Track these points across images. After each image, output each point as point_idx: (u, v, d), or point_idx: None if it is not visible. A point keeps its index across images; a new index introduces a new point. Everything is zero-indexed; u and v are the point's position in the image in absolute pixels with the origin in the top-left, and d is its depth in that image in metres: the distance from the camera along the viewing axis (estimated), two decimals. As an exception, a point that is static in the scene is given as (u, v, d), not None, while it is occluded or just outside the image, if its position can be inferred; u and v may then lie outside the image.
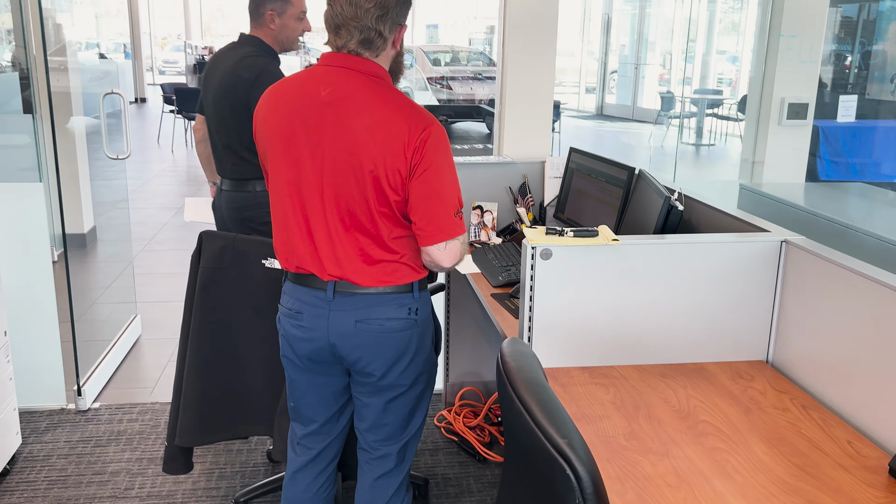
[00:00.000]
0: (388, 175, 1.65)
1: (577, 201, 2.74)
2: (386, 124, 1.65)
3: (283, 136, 1.72)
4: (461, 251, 1.74)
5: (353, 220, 1.70)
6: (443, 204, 1.67)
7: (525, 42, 2.92)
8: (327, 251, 1.73)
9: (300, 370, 1.88)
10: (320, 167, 1.69)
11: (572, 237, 1.73)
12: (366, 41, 1.69)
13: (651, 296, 1.77)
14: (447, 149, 1.70)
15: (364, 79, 1.69)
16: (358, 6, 1.66)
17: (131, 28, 17.19)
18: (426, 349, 1.86)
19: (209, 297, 2.23)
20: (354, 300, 1.75)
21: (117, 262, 5.23)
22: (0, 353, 2.61)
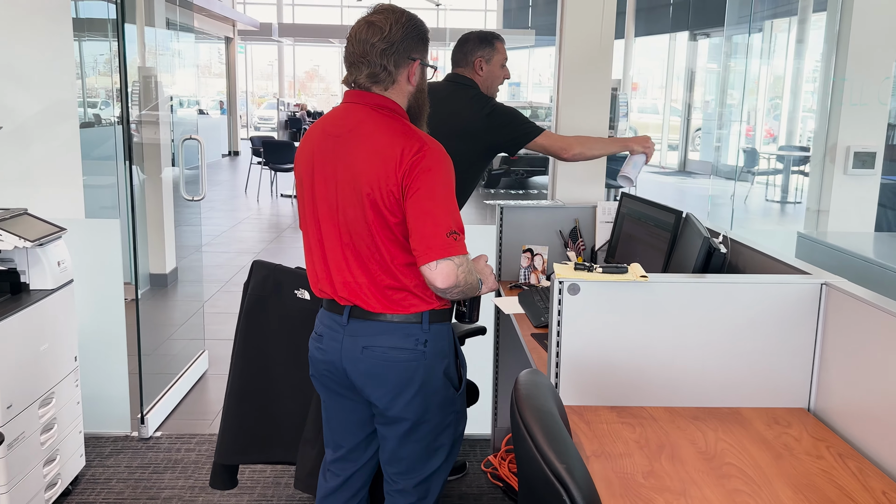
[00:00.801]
0: (383, 197, 1.71)
1: (627, 246, 2.72)
2: (383, 149, 1.72)
3: (306, 170, 1.83)
4: (457, 273, 1.71)
5: (360, 245, 1.76)
6: (434, 223, 1.69)
7: (579, 87, 2.96)
8: (339, 277, 1.80)
9: (325, 391, 1.94)
10: (333, 197, 1.77)
11: (601, 273, 1.72)
12: (372, 75, 1.77)
13: (684, 336, 1.74)
14: (442, 170, 1.73)
15: (370, 111, 1.78)
16: (366, 42, 1.76)
17: (228, 87, 18.19)
18: (436, 383, 1.85)
19: (251, 323, 2.35)
20: (366, 326, 1.80)
21: (194, 301, 5.46)
22: (69, 378, 2.76)
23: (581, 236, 2.89)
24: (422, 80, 1.86)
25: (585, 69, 2.96)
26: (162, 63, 6.48)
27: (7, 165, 3.32)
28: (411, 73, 1.82)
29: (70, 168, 3.47)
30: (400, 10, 1.80)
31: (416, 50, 1.81)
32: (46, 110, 3.42)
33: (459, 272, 1.73)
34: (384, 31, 1.75)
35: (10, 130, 3.21)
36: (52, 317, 2.60)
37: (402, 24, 1.77)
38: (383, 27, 1.75)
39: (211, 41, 17.61)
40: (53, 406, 2.63)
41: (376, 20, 1.77)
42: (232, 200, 10.87)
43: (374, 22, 1.76)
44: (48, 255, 2.57)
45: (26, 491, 2.47)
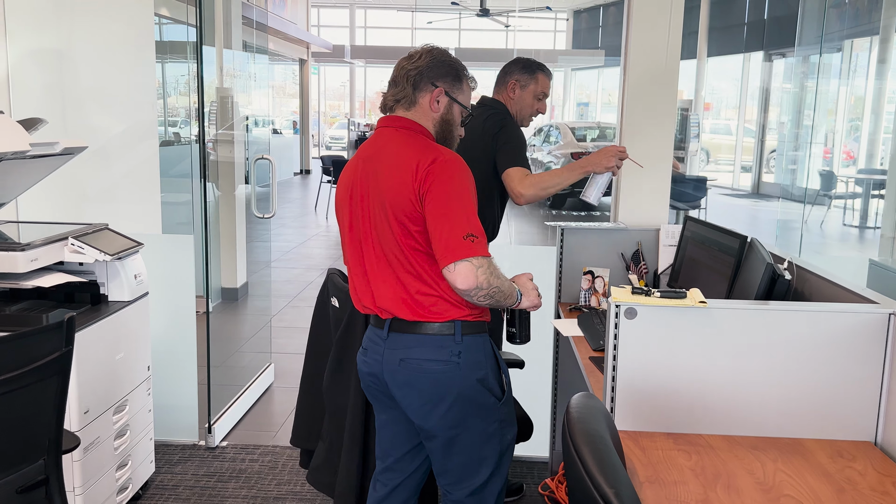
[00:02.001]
0: (403, 208, 1.80)
1: (690, 270, 2.68)
2: (401, 163, 1.83)
3: (345, 196, 1.96)
4: (476, 274, 1.76)
5: (391, 257, 1.85)
6: (450, 225, 1.76)
7: (644, 108, 2.95)
8: (379, 290, 1.89)
9: (374, 403, 2.02)
10: (368, 215, 1.88)
11: (659, 297, 1.71)
12: (395, 94, 1.94)
13: (744, 363, 1.71)
14: (456, 177, 1.81)
15: (394, 132, 1.92)
16: (399, 68, 1.95)
17: (301, 107, 18.68)
18: (472, 394, 1.88)
19: (314, 324, 2.51)
20: (403, 339, 1.87)
21: (262, 315, 5.61)
22: (142, 387, 2.88)
23: (643, 259, 2.87)
24: (448, 113, 1.95)
25: (650, 89, 2.94)
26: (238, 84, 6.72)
27: (91, 183, 3.50)
28: (433, 99, 1.92)
29: (149, 185, 3.65)
30: (438, 48, 1.97)
31: (440, 79, 1.93)
32: (129, 130, 3.60)
33: (479, 273, 1.77)
34: (415, 57, 1.94)
35: (95, 150, 3.40)
36: (127, 327, 2.72)
37: (433, 55, 1.94)
38: (415, 56, 1.95)
39: (286, 63, 18.14)
40: (127, 413, 2.75)
41: (413, 51, 1.97)
42: (302, 217, 11.14)
43: (411, 52, 1.97)
44: (126, 268, 2.70)
45: (99, 494, 2.58)
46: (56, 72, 3.39)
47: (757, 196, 15.40)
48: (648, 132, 2.97)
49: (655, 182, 2.99)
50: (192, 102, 7.49)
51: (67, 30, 3.40)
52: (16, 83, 3.12)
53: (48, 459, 1.78)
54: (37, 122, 2.70)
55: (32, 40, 3.26)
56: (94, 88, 3.47)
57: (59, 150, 2.60)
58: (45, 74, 3.34)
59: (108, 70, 3.49)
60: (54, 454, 1.79)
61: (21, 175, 2.66)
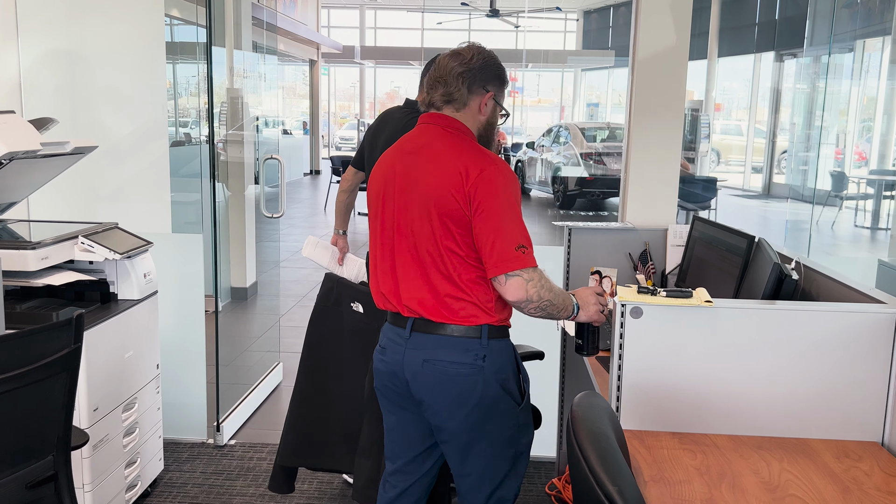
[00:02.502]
0: (450, 212, 1.79)
1: (698, 270, 2.68)
2: (450, 165, 1.80)
3: (381, 187, 1.93)
4: (527, 288, 1.77)
5: (425, 257, 1.83)
6: (503, 236, 1.76)
7: (652, 107, 2.94)
8: (407, 288, 1.87)
9: (387, 403, 2.00)
10: (404, 211, 1.86)
11: (664, 297, 1.71)
12: (446, 94, 1.89)
13: (750, 363, 1.71)
14: (506, 188, 1.80)
15: (441, 131, 1.89)
16: (447, 67, 1.89)
17: (311, 108, 18.73)
18: (495, 398, 1.88)
19: (313, 332, 2.49)
20: (427, 340, 1.86)
21: (271, 314, 5.63)
22: (151, 385, 2.90)
23: (651, 259, 2.87)
24: (493, 116, 1.95)
25: (658, 89, 2.94)
26: (248, 84, 6.75)
27: (102, 182, 3.53)
28: (483, 102, 1.91)
29: (159, 185, 3.67)
30: (486, 49, 1.93)
31: (491, 83, 1.92)
32: (139, 130, 3.62)
33: (529, 287, 1.77)
34: (465, 58, 1.90)
35: (105, 149, 3.42)
36: (137, 326, 2.74)
37: (483, 56, 1.91)
38: (465, 55, 1.90)
39: (296, 63, 18.19)
40: (136, 411, 2.77)
41: (460, 50, 1.93)
42: (311, 218, 11.17)
43: (459, 52, 1.92)
44: (136, 267, 2.72)
45: (108, 491, 2.60)
46: (67, 72, 3.42)
47: (767, 197, 15.34)
48: (656, 132, 2.96)
49: (663, 182, 2.98)
50: (202, 103, 7.52)
51: (79, 31, 3.43)
52: (27, 83, 3.15)
53: (57, 456, 1.80)
54: (47, 121, 2.73)
55: (44, 41, 3.29)
56: (105, 89, 3.50)
57: (69, 150, 2.62)
58: (56, 75, 3.37)
59: (119, 70, 3.52)
60: (63, 450, 1.81)
61: (32, 174, 2.68)
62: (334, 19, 23.05)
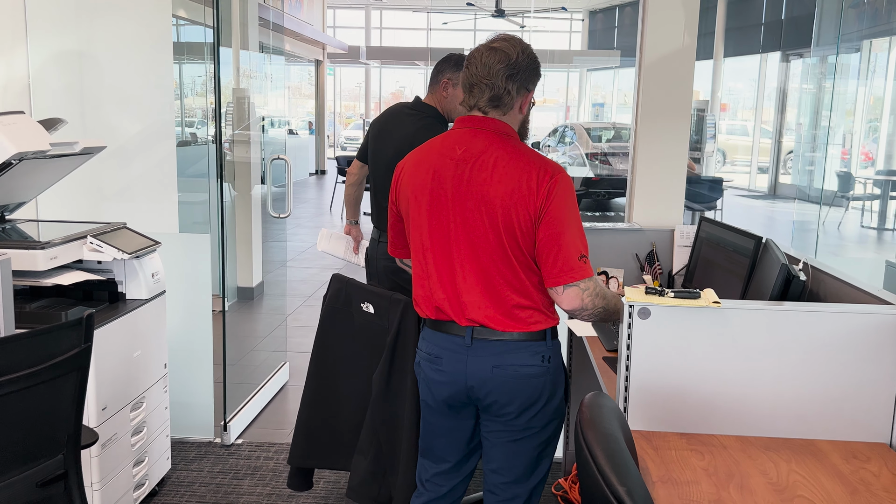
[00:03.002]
0: (519, 222, 1.77)
1: (705, 271, 2.68)
2: (516, 175, 1.78)
3: (428, 194, 1.86)
4: (582, 297, 1.78)
5: (492, 266, 1.81)
6: (567, 246, 1.76)
7: (659, 107, 2.94)
8: (467, 297, 1.84)
9: (437, 413, 2.00)
10: (461, 220, 1.83)
11: (672, 297, 1.71)
12: (495, 98, 1.84)
13: (758, 364, 1.71)
14: (572, 196, 1.80)
15: (493, 136, 1.85)
16: (490, 66, 1.82)
17: (317, 108, 18.75)
18: (558, 396, 1.93)
19: (323, 333, 2.50)
20: (491, 346, 1.86)
21: (278, 314, 5.65)
22: (159, 384, 2.91)
23: (658, 260, 2.87)
24: (528, 113, 1.94)
25: (665, 89, 2.94)
26: (255, 85, 6.76)
27: (109, 182, 3.54)
28: (525, 102, 1.90)
29: (166, 185, 3.69)
30: (525, 44, 1.87)
31: (532, 82, 1.89)
32: (146, 130, 3.64)
33: (585, 296, 1.79)
34: (511, 57, 1.82)
35: (113, 150, 3.44)
36: (145, 325, 2.75)
37: (527, 54, 1.85)
38: (510, 54, 1.82)
39: (302, 64, 18.22)
40: (144, 410, 2.78)
41: (501, 47, 1.83)
42: (317, 218, 11.19)
43: (500, 48, 1.83)
44: (144, 267, 2.74)
45: (117, 489, 2.61)
46: (76, 72, 3.43)
47: (773, 197, 15.31)
48: (663, 132, 2.96)
49: (670, 182, 2.98)
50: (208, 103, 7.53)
51: (87, 31, 3.44)
52: (36, 83, 3.16)
53: (67, 454, 1.81)
54: (56, 122, 2.74)
55: (53, 41, 3.30)
56: (113, 89, 3.52)
57: (78, 150, 2.63)
58: (64, 75, 3.39)
59: (127, 71, 3.53)
60: (73, 449, 1.82)
61: (41, 174, 2.70)
62: (340, 19, 23.07)
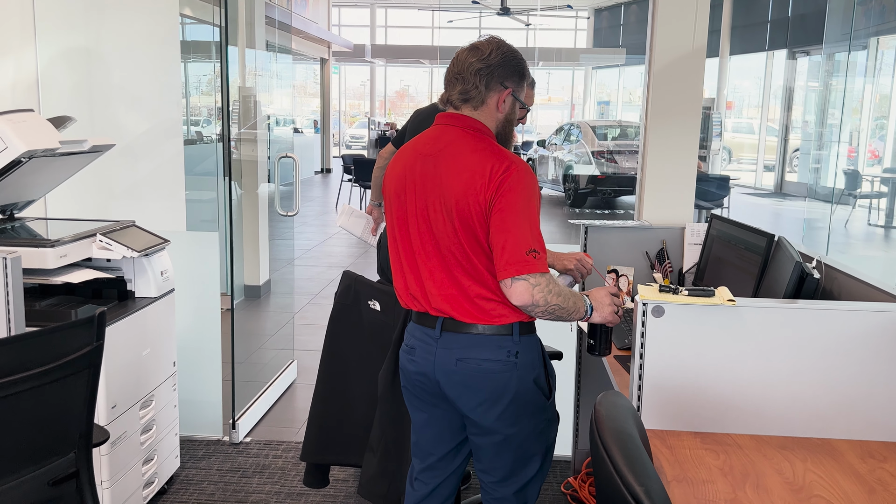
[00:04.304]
0: (472, 212, 1.77)
1: (716, 269, 2.66)
2: (472, 166, 1.79)
3: (397, 187, 1.91)
4: (532, 293, 1.75)
5: (451, 257, 1.82)
6: (515, 240, 1.74)
7: (669, 104, 2.93)
8: (433, 288, 1.86)
9: (417, 402, 2.00)
10: (424, 212, 1.85)
11: (686, 295, 1.70)
12: (463, 92, 1.87)
13: (772, 363, 1.70)
14: (527, 189, 1.78)
15: (461, 131, 1.87)
16: (464, 62, 1.87)
17: (322, 106, 18.76)
18: (528, 393, 1.89)
19: (333, 330, 2.51)
20: (458, 339, 1.86)
21: (285, 312, 5.65)
22: (168, 382, 2.91)
23: (668, 258, 2.85)
24: (511, 113, 1.93)
25: (675, 86, 2.92)
26: (261, 83, 6.77)
27: (117, 180, 3.54)
28: (501, 99, 1.89)
29: (174, 183, 3.68)
30: (505, 43, 1.90)
31: (509, 79, 1.89)
32: (154, 129, 3.64)
33: (535, 291, 1.76)
34: (484, 53, 1.86)
35: (121, 148, 3.44)
36: (154, 323, 2.75)
37: (502, 52, 1.87)
38: (483, 50, 1.86)
39: (307, 62, 18.22)
40: (153, 408, 2.78)
41: (480, 45, 1.89)
42: (323, 216, 11.19)
43: (478, 46, 1.88)
44: (153, 265, 2.73)
45: (126, 487, 2.61)
46: (84, 70, 3.43)
47: (780, 195, 15.26)
48: (673, 130, 2.94)
49: (680, 180, 2.97)
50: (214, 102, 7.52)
51: (96, 29, 3.44)
52: (45, 81, 3.16)
53: (79, 453, 1.81)
54: (65, 120, 2.74)
55: (62, 39, 3.30)
56: (121, 87, 3.52)
57: (87, 148, 2.63)
58: (73, 73, 3.39)
59: (135, 69, 3.53)
60: (85, 448, 1.82)
61: (50, 172, 2.70)
62: (345, 18, 23.07)
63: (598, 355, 2.02)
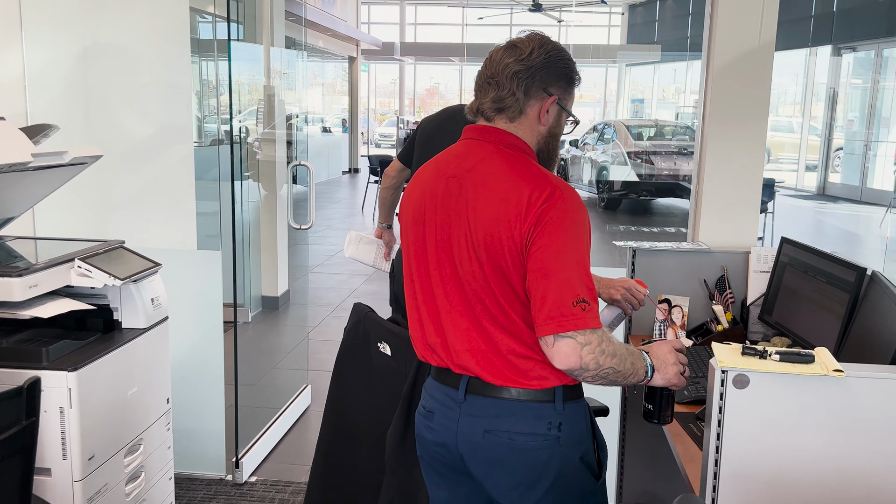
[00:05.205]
0: (504, 250, 1.43)
1: (788, 303, 2.28)
2: (506, 193, 1.44)
3: (416, 215, 1.57)
4: (580, 354, 1.39)
5: (479, 304, 1.48)
6: (558, 286, 1.39)
7: (732, 106, 2.54)
8: (456, 341, 1.52)
9: (436, 477, 1.66)
10: (447, 247, 1.51)
11: (778, 361, 1.33)
12: (498, 100, 1.51)
13: (890, 451, 1.32)
14: (575, 220, 1.43)
15: (493, 148, 1.52)
16: (498, 63, 1.51)
17: (350, 105, 18.52)
18: (573, 475, 1.53)
19: (339, 372, 2.22)
20: (487, 405, 1.51)
21: (303, 327, 5.33)
22: (161, 421, 2.60)
23: (730, 287, 2.47)
24: (556, 126, 1.57)
25: (739, 85, 2.53)
26: (287, 82, 6.55)
27: (120, 191, 3.23)
28: (544, 109, 1.53)
29: (183, 194, 3.32)
30: (550, 41, 1.53)
31: (555, 84, 1.53)
32: (160, 134, 3.31)
33: (585, 353, 1.40)
34: (523, 53, 1.50)
35: (123, 155, 3.16)
36: (143, 358, 2.44)
37: (546, 50, 1.51)
38: (524, 49, 1.51)
39: (335, 60, 17.98)
40: (141, 453, 2.46)
41: (519, 42, 1.53)
42: (349, 219, 10.90)
43: (517, 44, 1.52)
44: (142, 292, 2.42)
45: (109, 545, 2.30)
46: (80, 71, 3.14)
47: (823, 198, 14.65)
48: (736, 138, 2.56)
49: (744, 195, 2.59)
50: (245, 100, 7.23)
51: (93, 26, 3.14)
52: (34, 84, 2.87)
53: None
54: (45, 128, 2.44)
55: (54, 38, 3.01)
56: (123, 89, 3.20)
57: (67, 161, 2.32)
58: (67, 74, 3.09)
59: (139, 69, 3.22)
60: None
61: (28, 187, 2.40)
62: (374, 15, 22.81)
63: (656, 423, 1.66)
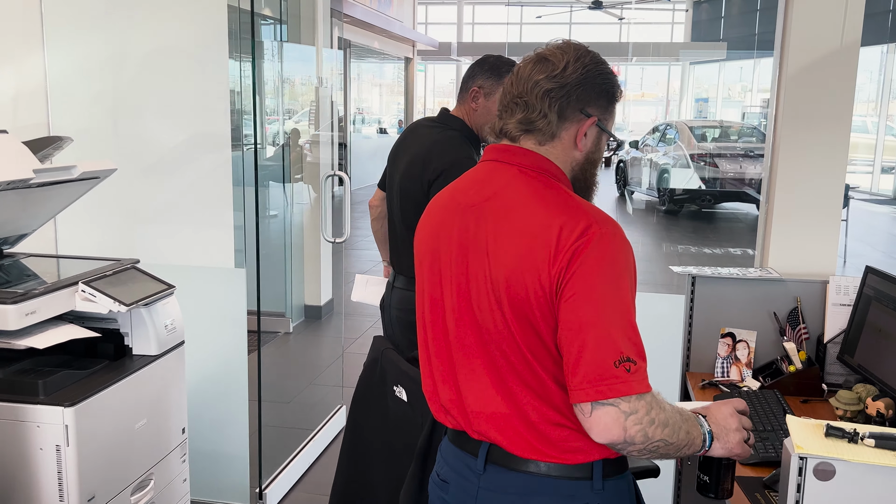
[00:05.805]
0: (530, 297, 1.19)
1: (873, 343, 1.97)
2: (531, 226, 1.21)
3: (431, 250, 1.35)
4: (625, 426, 1.14)
5: (501, 358, 1.25)
6: (595, 342, 1.14)
7: (809, 110, 2.24)
8: (473, 401, 1.28)
9: None
10: (464, 290, 1.28)
11: (873, 447, 1.06)
12: (525, 121, 1.27)
13: None
14: (617, 261, 1.19)
15: (518, 171, 1.28)
16: (527, 80, 1.27)
17: (406, 106, 18.44)
18: None
19: (356, 413, 2.02)
20: (510, 480, 1.27)
21: (340, 341, 5.14)
22: (176, 452, 2.43)
23: (804, 321, 2.17)
24: (596, 151, 1.32)
25: (818, 86, 2.23)
26: (338, 83, 6.44)
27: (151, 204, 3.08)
28: (581, 133, 1.28)
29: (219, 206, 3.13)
30: (588, 51, 1.29)
31: (594, 104, 1.29)
32: (194, 143, 3.14)
33: (629, 424, 1.15)
34: (556, 67, 1.26)
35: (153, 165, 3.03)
36: (154, 387, 2.27)
37: (583, 64, 1.27)
38: (556, 63, 1.26)
39: (392, 61, 17.91)
40: (151, 489, 2.30)
41: (550, 54, 1.28)
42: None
43: (548, 56, 1.28)
44: (154, 316, 2.26)
45: (114, 589, 2.14)
46: (107, 78, 3.01)
47: (901, 202, 13.86)
48: (814, 146, 2.26)
49: (823, 213, 2.27)
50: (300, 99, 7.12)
51: (121, 31, 3.00)
52: (57, 92, 2.75)
53: None
54: (54, 140, 2.30)
55: (77, 43, 2.89)
56: (155, 96, 3.05)
57: (76, 175, 2.17)
58: (92, 81, 2.97)
59: (173, 74, 3.06)
60: None
61: (38, 203, 2.26)
62: (431, 16, 22.68)
63: (713, 498, 1.38)
